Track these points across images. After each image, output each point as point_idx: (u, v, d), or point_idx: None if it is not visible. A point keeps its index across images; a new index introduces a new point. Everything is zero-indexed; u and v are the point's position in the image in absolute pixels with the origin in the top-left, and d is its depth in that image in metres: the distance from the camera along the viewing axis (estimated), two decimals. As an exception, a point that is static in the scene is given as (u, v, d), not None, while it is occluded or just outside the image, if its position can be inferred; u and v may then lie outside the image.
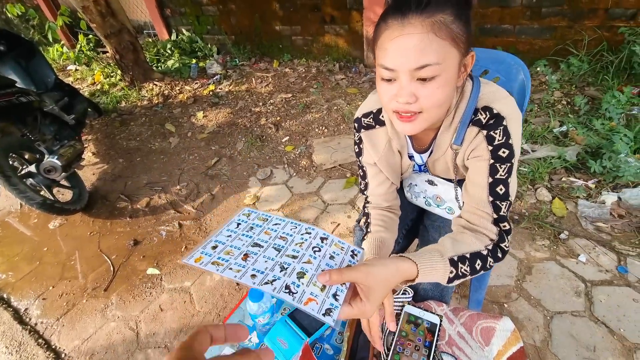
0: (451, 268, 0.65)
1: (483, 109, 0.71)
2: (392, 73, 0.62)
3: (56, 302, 1.70)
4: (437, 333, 0.76)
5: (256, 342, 0.85)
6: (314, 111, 2.99)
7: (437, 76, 0.60)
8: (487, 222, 0.72)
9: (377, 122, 0.84)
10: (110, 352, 1.46)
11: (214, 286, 1.67)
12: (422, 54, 0.57)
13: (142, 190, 2.39)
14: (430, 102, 0.63)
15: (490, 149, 0.70)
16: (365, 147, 0.89)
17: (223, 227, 0.59)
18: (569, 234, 1.63)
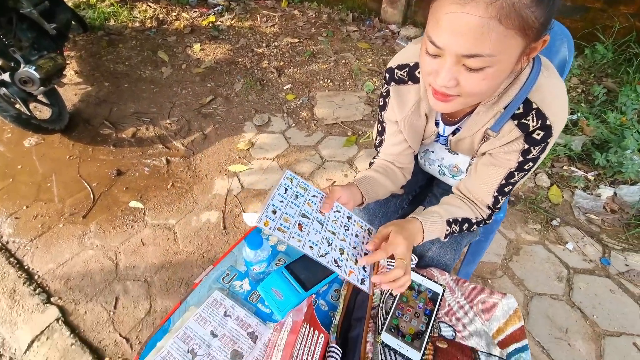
0: (447, 227, 0.73)
1: (536, 112, 0.63)
2: (438, 50, 0.53)
3: (30, 222, 1.62)
4: (438, 302, 0.74)
5: (247, 290, 0.81)
6: (320, 61, 2.79)
7: (487, 67, 0.51)
8: (483, 206, 0.77)
9: (411, 77, 0.74)
10: (87, 279, 1.41)
11: (199, 227, 1.62)
12: (476, 42, 0.49)
13: (129, 119, 2.23)
14: (472, 91, 0.56)
15: (521, 160, 0.68)
16: (391, 103, 0.79)
17: (274, 190, 0.63)
18: (560, 222, 1.64)
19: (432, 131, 0.82)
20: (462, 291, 0.78)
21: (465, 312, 0.75)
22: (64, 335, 1.23)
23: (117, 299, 1.36)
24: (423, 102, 0.76)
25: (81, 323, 1.29)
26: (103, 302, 1.35)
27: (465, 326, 0.72)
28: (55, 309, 1.31)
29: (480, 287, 0.78)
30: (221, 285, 0.82)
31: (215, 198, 1.75)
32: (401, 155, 0.88)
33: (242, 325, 0.74)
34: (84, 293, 1.37)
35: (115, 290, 1.39)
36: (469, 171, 0.80)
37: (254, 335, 0.73)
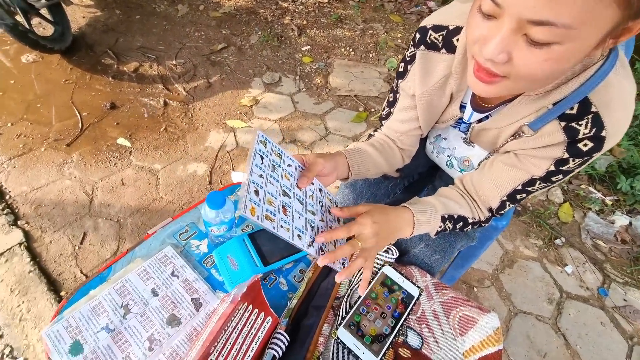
0: (440, 223, 0.63)
1: (593, 117, 0.49)
2: (495, 9, 0.39)
3: (12, 140, 1.55)
4: (411, 306, 0.65)
5: (204, 252, 0.73)
6: (346, 28, 2.59)
7: (556, 44, 0.38)
8: (485, 208, 0.67)
9: (447, 45, 0.59)
10: (58, 208, 1.35)
11: (184, 177, 1.53)
12: (551, 3, 0.34)
13: (134, 53, 2.10)
14: (526, 73, 0.42)
15: (551, 169, 0.56)
16: (413, 71, 0.65)
17: (250, 161, 0.50)
18: (564, 242, 1.53)
19: (453, 115, 0.68)
20: (441, 298, 0.69)
21: (439, 321, 0.65)
22: (23, 260, 1.19)
23: (85, 235, 1.30)
24: (453, 78, 0.61)
25: (44, 252, 1.24)
26: (70, 235, 1.29)
27: (436, 338, 0.63)
28: (20, 232, 1.25)
29: (463, 298, 0.68)
30: (176, 241, 0.73)
31: (207, 151, 1.66)
32: (406, 136, 0.75)
33: (188, 288, 0.66)
34: (52, 222, 1.32)
35: (85, 225, 1.33)
36: (481, 165, 0.68)
37: (198, 302, 0.65)
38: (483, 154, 0.70)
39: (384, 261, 0.71)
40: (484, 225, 0.69)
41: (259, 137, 0.53)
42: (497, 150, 0.63)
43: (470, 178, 0.68)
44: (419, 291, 0.66)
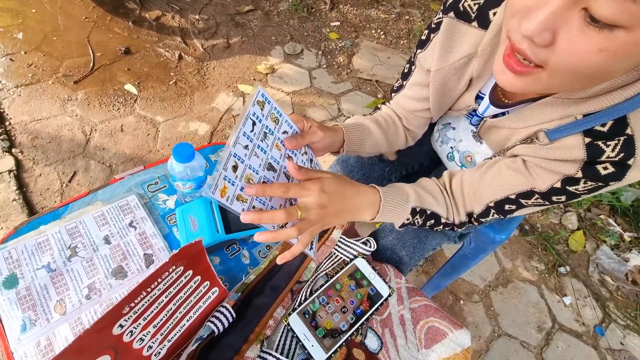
0: (409, 216, 0.55)
1: (625, 140, 0.40)
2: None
3: (22, 69, 1.53)
4: (377, 306, 0.58)
5: (170, 208, 0.68)
6: (381, 9, 2.44)
7: (623, 30, 0.28)
8: (464, 211, 0.59)
9: (481, 17, 0.50)
10: (54, 143, 1.34)
11: (184, 134, 1.49)
12: None
13: (158, 1, 2.03)
14: (568, 65, 0.32)
15: (556, 187, 0.47)
16: (435, 41, 0.56)
17: (238, 129, 0.41)
18: (569, 271, 1.42)
19: (467, 105, 0.60)
20: (412, 305, 0.62)
21: (404, 329, 0.59)
22: (10, 188, 1.18)
23: (75, 174, 1.28)
24: (477, 60, 0.52)
25: (32, 183, 1.23)
26: (61, 172, 1.28)
27: (397, 345, 0.57)
28: (12, 160, 1.24)
29: (436, 308, 0.61)
30: (143, 191, 0.69)
31: (212, 111, 1.60)
32: (414, 115, 0.67)
33: (143, 242, 0.62)
34: (46, 156, 1.30)
35: (77, 165, 1.31)
36: (479, 164, 0.59)
37: (150, 259, 0.60)
38: (489, 153, 0.62)
39: (359, 252, 0.64)
40: (456, 229, 0.61)
41: (257, 95, 0.44)
42: (503, 152, 0.55)
43: (461, 175, 0.59)
44: (389, 291, 0.60)
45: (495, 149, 0.61)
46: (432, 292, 1.16)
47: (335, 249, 0.65)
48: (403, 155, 0.83)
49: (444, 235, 0.71)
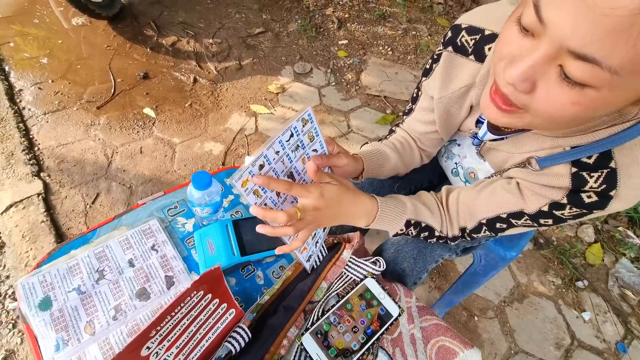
0: (403, 227, 0.60)
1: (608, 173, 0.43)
2: (537, 25, 0.32)
3: (49, 97, 1.63)
4: (387, 325, 0.60)
5: (189, 231, 0.72)
6: (388, 26, 2.50)
7: (591, 89, 0.31)
8: (457, 226, 0.62)
9: (477, 51, 0.54)
10: (78, 166, 1.41)
11: (199, 155, 1.55)
12: (606, 39, 0.28)
13: (174, 27, 2.14)
14: (545, 112, 0.36)
15: (543, 210, 0.50)
16: (436, 72, 0.60)
17: (277, 135, 0.46)
18: (587, 285, 1.39)
19: (469, 128, 0.63)
20: (423, 324, 0.63)
21: (415, 348, 0.60)
22: (39, 210, 1.25)
23: (98, 196, 1.35)
24: (475, 90, 0.56)
25: (58, 205, 1.30)
26: (85, 194, 1.35)
27: (408, 365, 0.58)
28: (40, 183, 1.32)
29: (446, 327, 0.62)
30: (163, 215, 0.73)
31: (226, 132, 1.66)
32: (425, 136, 0.71)
33: (164, 265, 0.65)
34: (71, 179, 1.38)
35: (100, 186, 1.38)
36: (476, 183, 0.62)
37: (171, 281, 0.64)
38: (491, 171, 0.64)
39: (369, 272, 0.66)
40: (450, 243, 0.65)
41: (304, 114, 0.49)
42: (501, 173, 0.57)
43: (458, 191, 0.62)
44: (399, 311, 0.62)
45: (495, 168, 0.63)
46: (445, 308, 1.16)
47: (345, 269, 0.68)
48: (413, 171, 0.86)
49: (445, 248, 0.72)
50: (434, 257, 0.74)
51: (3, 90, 1.58)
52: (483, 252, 0.88)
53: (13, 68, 1.72)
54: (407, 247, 0.73)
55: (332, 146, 0.57)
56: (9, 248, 1.18)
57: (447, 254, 0.75)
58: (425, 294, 1.28)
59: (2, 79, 1.64)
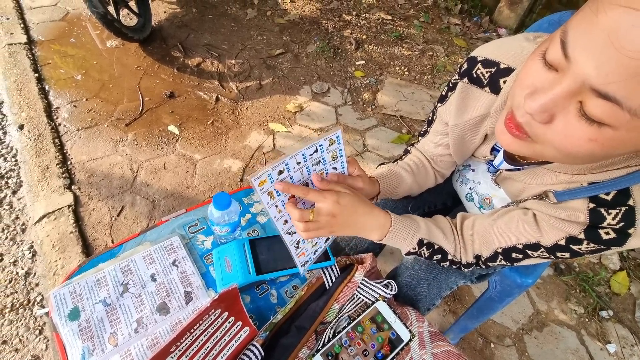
0: (415, 246, 0.61)
1: (626, 211, 0.43)
2: (561, 60, 0.33)
3: (83, 114, 1.75)
4: (398, 350, 0.60)
5: (208, 248, 0.75)
6: (405, 46, 2.55)
7: (608, 127, 0.32)
8: (471, 254, 0.62)
9: (492, 83, 0.55)
10: (106, 181, 1.49)
11: (219, 171, 1.61)
12: (629, 78, 0.29)
13: (200, 49, 2.26)
14: (561, 145, 0.37)
15: (561, 244, 0.50)
16: (452, 100, 0.62)
17: (303, 148, 0.50)
18: (612, 316, 1.33)
19: (484, 155, 0.65)
20: (435, 350, 0.63)
21: (425, 375, 0.60)
22: (68, 221, 1.33)
23: (123, 209, 1.42)
24: (490, 119, 0.58)
25: (86, 217, 1.37)
26: (111, 206, 1.42)
27: (418, 392, 0.58)
28: (71, 196, 1.40)
29: (459, 354, 0.62)
30: (184, 232, 0.77)
31: (245, 149, 1.72)
32: (440, 159, 0.73)
33: (183, 281, 0.69)
34: (99, 192, 1.46)
35: (125, 200, 1.45)
36: (492, 211, 0.62)
37: (189, 296, 0.67)
38: (507, 198, 0.65)
39: (380, 296, 0.67)
40: (464, 269, 0.64)
41: (333, 135, 0.53)
42: (517, 203, 0.58)
43: (474, 219, 0.63)
44: (410, 336, 0.62)
45: (511, 197, 0.64)
46: (459, 333, 1.13)
47: (357, 291, 0.69)
48: (427, 192, 0.87)
49: (459, 274, 0.72)
50: (448, 283, 0.74)
51: (42, 108, 1.70)
52: (498, 278, 0.87)
53: (52, 87, 1.85)
54: (422, 272, 0.73)
55: (354, 168, 0.61)
56: (40, 257, 1.25)
57: (462, 281, 0.75)
58: (439, 317, 1.26)
59: (42, 97, 1.77)
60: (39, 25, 2.18)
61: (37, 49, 2.04)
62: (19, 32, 2.08)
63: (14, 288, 1.18)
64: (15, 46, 1.99)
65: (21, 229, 1.33)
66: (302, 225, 0.52)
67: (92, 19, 2.30)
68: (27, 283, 1.20)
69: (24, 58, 1.94)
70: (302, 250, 0.60)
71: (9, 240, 1.29)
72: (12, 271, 1.22)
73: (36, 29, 2.16)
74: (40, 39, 2.11)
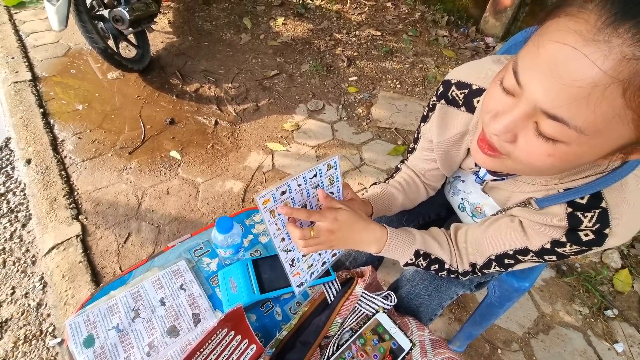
0: (412, 257, 0.64)
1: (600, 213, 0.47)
2: (516, 87, 0.38)
3: (88, 145, 1.81)
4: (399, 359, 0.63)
5: (213, 270, 0.78)
6: (395, 60, 2.63)
7: (562, 144, 0.36)
8: (467, 262, 0.65)
9: (467, 103, 0.60)
10: (112, 209, 1.54)
11: (221, 193, 1.65)
12: (572, 102, 0.33)
13: (197, 75, 2.35)
14: (526, 161, 0.41)
15: (546, 247, 0.53)
16: (433, 120, 0.67)
17: (305, 171, 0.55)
18: (617, 315, 1.34)
19: (470, 167, 0.69)
20: (436, 357, 0.66)
21: (428, 382, 0.62)
22: (77, 251, 1.36)
23: (129, 235, 1.45)
24: (469, 136, 0.63)
25: (94, 246, 1.41)
26: (117, 234, 1.45)
27: (422, 399, 0.60)
28: (79, 226, 1.44)
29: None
30: (190, 256, 0.80)
31: (245, 170, 1.77)
32: (429, 173, 0.77)
33: (191, 303, 0.72)
34: (106, 220, 1.50)
35: (131, 226, 1.49)
36: (482, 220, 0.66)
37: (197, 318, 0.70)
38: (497, 206, 0.68)
39: (380, 307, 0.70)
40: (461, 277, 0.67)
41: (330, 161, 0.58)
42: (504, 211, 0.61)
43: (466, 229, 0.66)
44: (411, 345, 0.64)
45: (499, 205, 0.67)
46: (465, 341, 1.14)
47: (358, 303, 0.71)
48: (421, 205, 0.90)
49: (459, 284, 0.75)
50: (448, 294, 0.76)
51: (48, 142, 1.76)
52: (497, 284, 0.89)
53: (57, 121, 1.92)
54: (422, 284, 0.76)
55: (347, 191, 0.65)
56: (50, 287, 1.28)
57: (462, 290, 0.78)
58: (445, 326, 1.27)
59: (47, 131, 1.83)
60: (42, 62, 2.28)
61: (41, 84, 2.12)
62: (24, 70, 2.17)
63: (26, 320, 1.21)
64: (21, 84, 2.07)
65: (31, 261, 1.36)
66: (302, 242, 0.56)
67: (93, 53, 2.40)
68: (39, 314, 1.23)
69: (29, 95, 2.02)
70: (296, 270, 0.64)
71: (20, 272, 1.33)
72: (24, 303, 1.25)
73: (40, 65, 2.25)
74: (44, 75, 2.20)
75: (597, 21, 0.31)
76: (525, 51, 0.37)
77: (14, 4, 2.76)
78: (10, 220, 1.48)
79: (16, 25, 2.57)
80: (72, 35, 2.46)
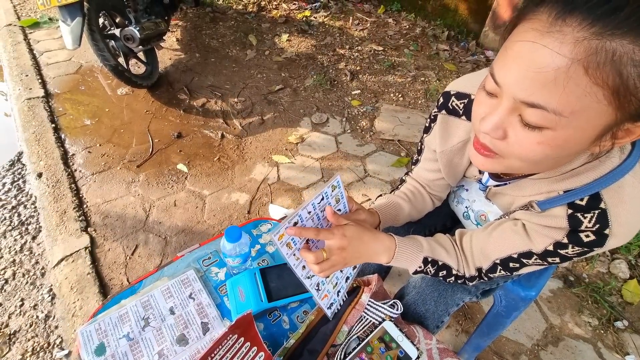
0: (421, 264, 0.65)
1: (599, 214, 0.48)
2: (496, 88, 0.43)
3: (97, 159, 1.85)
4: (406, 368, 0.63)
5: (221, 280, 0.79)
6: (398, 74, 2.68)
7: (547, 129, 0.39)
8: (473, 267, 0.66)
9: (467, 113, 0.63)
10: (120, 221, 1.56)
11: (227, 205, 1.67)
12: (543, 87, 0.37)
13: (204, 90, 2.41)
14: (520, 154, 0.44)
15: (549, 249, 0.55)
16: (435, 130, 0.70)
17: (313, 198, 0.57)
18: (627, 326, 1.32)
19: (473, 175, 0.71)
20: (443, 366, 0.66)
21: (436, 391, 0.62)
22: (85, 263, 1.38)
23: (137, 247, 1.47)
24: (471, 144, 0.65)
25: (102, 257, 1.43)
26: (125, 246, 1.47)
27: (430, 408, 0.60)
28: (87, 238, 1.47)
29: (466, 369, 0.64)
30: (199, 266, 0.82)
31: (251, 182, 1.79)
32: (434, 183, 0.79)
33: (200, 312, 0.73)
34: (114, 232, 1.52)
35: (138, 238, 1.50)
36: (485, 225, 0.67)
37: (206, 327, 0.71)
38: (500, 213, 0.69)
39: (387, 315, 0.70)
40: (468, 283, 0.68)
41: (334, 181, 0.60)
42: (508, 215, 0.63)
43: (470, 234, 0.68)
44: (417, 353, 0.64)
45: (503, 211, 0.69)
46: (473, 353, 1.13)
47: (365, 312, 0.72)
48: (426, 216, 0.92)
49: (465, 290, 0.75)
50: (454, 300, 0.77)
51: (59, 156, 1.81)
52: (503, 293, 0.90)
53: (68, 135, 1.97)
54: (428, 289, 0.77)
55: (352, 204, 0.67)
56: (59, 299, 1.29)
57: (468, 297, 0.78)
58: (452, 338, 1.26)
59: (58, 145, 1.88)
60: (54, 79, 2.35)
61: (53, 101, 2.19)
62: (37, 86, 2.25)
63: (34, 332, 1.22)
64: (34, 100, 2.14)
65: (41, 273, 1.38)
66: (317, 267, 0.56)
67: (104, 70, 2.48)
68: (47, 326, 1.24)
69: (42, 110, 2.08)
70: (324, 293, 0.63)
71: (29, 284, 1.34)
72: (33, 315, 1.26)
73: (52, 82, 2.33)
74: (57, 91, 2.27)
75: (549, 17, 0.37)
76: (497, 56, 0.43)
77: (29, 25, 2.88)
78: (20, 232, 1.50)
79: (30, 45, 2.67)
80: (83, 53, 2.55)
